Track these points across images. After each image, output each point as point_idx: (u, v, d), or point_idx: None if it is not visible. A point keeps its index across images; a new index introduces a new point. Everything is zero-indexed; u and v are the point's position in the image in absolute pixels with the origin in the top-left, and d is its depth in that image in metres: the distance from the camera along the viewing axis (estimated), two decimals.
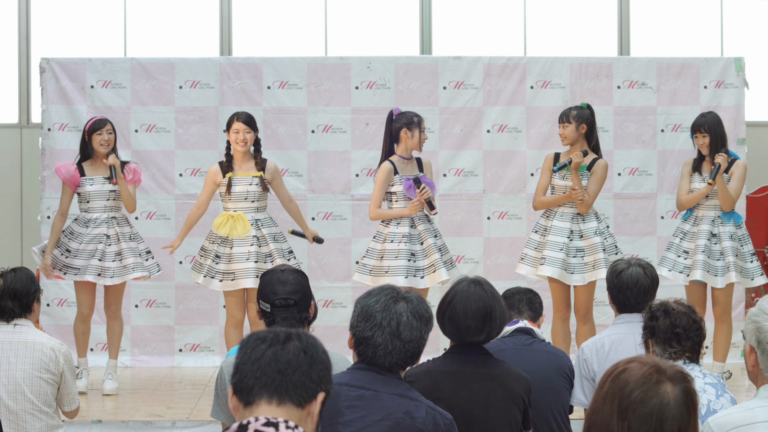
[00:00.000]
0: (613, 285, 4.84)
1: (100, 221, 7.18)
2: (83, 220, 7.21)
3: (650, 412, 2.36)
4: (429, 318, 3.43)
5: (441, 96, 8.64)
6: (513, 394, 3.93)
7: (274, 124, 8.60)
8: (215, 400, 4.18)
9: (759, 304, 3.25)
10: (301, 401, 2.39)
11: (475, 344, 3.98)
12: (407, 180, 6.89)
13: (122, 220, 7.29)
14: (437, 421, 3.35)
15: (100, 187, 7.21)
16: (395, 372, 3.41)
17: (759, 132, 10.40)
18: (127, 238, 7.23)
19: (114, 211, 7.25)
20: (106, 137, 7.15)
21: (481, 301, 3.94)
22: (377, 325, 3.36)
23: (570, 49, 10.32)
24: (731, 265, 7.13)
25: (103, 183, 7.21)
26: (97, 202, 7.20)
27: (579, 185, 7.01)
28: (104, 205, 7.21)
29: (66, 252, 7.18)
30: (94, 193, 7.19)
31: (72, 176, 7.18)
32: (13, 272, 5.02)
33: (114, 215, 7.24)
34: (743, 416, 3.09)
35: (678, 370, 2.42)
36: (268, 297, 4.06)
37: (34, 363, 4.91)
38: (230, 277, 6.93)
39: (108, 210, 7.22)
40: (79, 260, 7.14)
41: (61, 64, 8.57)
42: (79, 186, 7.21)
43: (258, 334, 2.46)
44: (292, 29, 10.56)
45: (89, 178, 7.21)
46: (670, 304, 4.09)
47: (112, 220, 7.22)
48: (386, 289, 3.44)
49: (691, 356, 4.06)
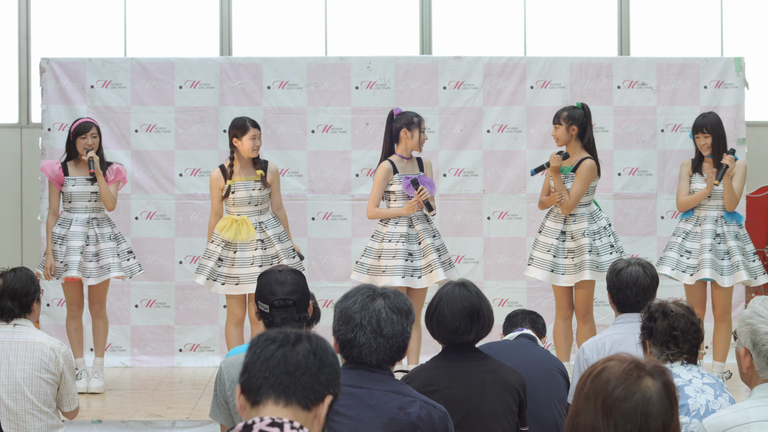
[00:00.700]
0: (613, 284, 4.85)
1: (81, 221, 7.24)
2: (66, 221, 7.27)
3: (634, 408, 2.37)
4: (408, 311, 3.45)
5: (441, 96, 8.64)
6: (507, 384, 3.99)
7: (274, 124, 8.59)
8: (213, 400, 4.18)
9: (751, 306, 3.25)
10: (308, 403, 2.38)
11: (466, 344, 4.01)
12: (406, 179, 6.91)
13: (103, 220, 7.35)
14: (432, 415, 3.37)
15: (82, 188, 7.28)
16: (385, 368, 3.42)
17: (759, 132, 10.40)
18: (106, 239, 7.30)
19: (96, 212, 7.32)
20: (90, 141, 7.21)
21: (467, 302, 4.02)
22: (358, 325, 3.37)
23: (570, 49, 10.32)
24: (740, 264, 7.13)
25: (85, 184, 7.28)
26: (78, 203, 7.27)
27: (559, 187, 7.03)
28: (86, 206, 7.28)
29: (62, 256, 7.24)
30: (76, 194, 7.27)
31: (57, 175, 7.27)
32: (12, 272, 5.02)
33: (95, 216, 7.31)
34: (737, 416, 3.10)
35: (656, 365, 2.44)
36: (267, 298, 4.07)
37: (34, 363, 4.91)
38: (234, 281, 6.94)
39: (89, 210, 7.29)
40: (64, 259, 7.20)
41: (61, 64, 8.57)
42: (62, 185, 7.28)
43: (268, 334, 2.46)
44: (292, 29, 10.56)
45: (72, 178, 7.28)
46: (668, 306, 4.08)
47: (93, 220, 7.29)
48: (362, 289, 3.46)
49: (688, 357, 4.05)
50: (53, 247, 7.24)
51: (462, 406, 3.90)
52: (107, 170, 7.28)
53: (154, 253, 8.52)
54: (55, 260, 7.21)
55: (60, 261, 7.21)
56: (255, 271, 6.84)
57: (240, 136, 7.00)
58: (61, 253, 7.21)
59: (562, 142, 7.13)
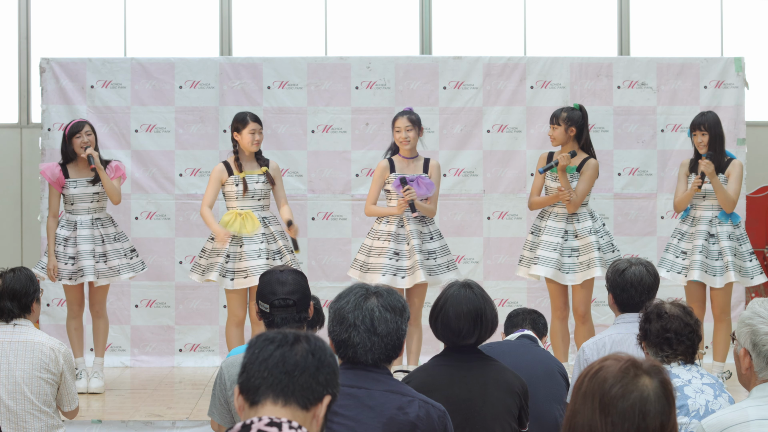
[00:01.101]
0: (616, 284, 4.83)
1: (86, 223, 7.26)
2: (70, 223, 7.27)
3: (632, 406, 2.37)
4: (403, 308, 3.43)
5: (441, 96, 8.64)
6: (509, 386, 3.99)
7: (274, 124, 8.59)
8: (212, 399, 4.19)
9: (751, 307, 3.24)
10: (306, 403, 2.39)
11: (468, 346, 4.02)
12: (397, 178, 6.94)
13: (106, 220, 7.39)
14: (430, 414, 3.37)
15: (83, 190, 7.30)
16: (382, 367, 3.42)
17: (759, 132, 10.40)
18: (111, 239, 7.34)
19: (98, 212, 7.34)
20: (86, 139, 7.22)
21: (472, 304, 4.01)
22: (351, 325, 3.37)
23: (570, 49, 10.32)
24: (730, 265, 7.12)
25: (86, 185, 7.29)
26: (81, 204, 7.30)
27: (566, 186, 7.03)
28: (88, 207, 7.30)
29: (67, 258, 7.24)
30: (78, 196, 7.29)
31: (57, 178, 7.28)
32: (12, 272, 5.02)
33: (98, 216, 7.33)
34: (736, 416, 3.10)
35: (653, 363, 2.44)
36: (267, 297, 4.07)
37: (34, 363, 4.91)
38: (242, 275, 6.93)
39: (92, 211, 7.31)
40: (77, 264, 7.20)
41: (61, 64, 8.57)
42: (63, 188, 7.29)
43: (267, 334, 2.46)
44: (292, 29, 10.56)
45: (73, 180, 7.29)
46: (664, 307, 4.05)
47: (96, 221, 7.31)
48: (355, 288, 3.46)
49: (685, 359, 4.03)
50: (55, 249, 7.25)
51: (463, 406, 3.90)
52: (106, 168, 7.29)
53: (154, 253, 8.52)
54: (57, 261, 7.23)
55: (69, 264, 7.21)
56: (262, 263, 6.85)
57: (240, 129, 7.04)
58: (65, 256, 7.22)
59: (558, 142, 7.16)
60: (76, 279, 7.24)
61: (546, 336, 5.15)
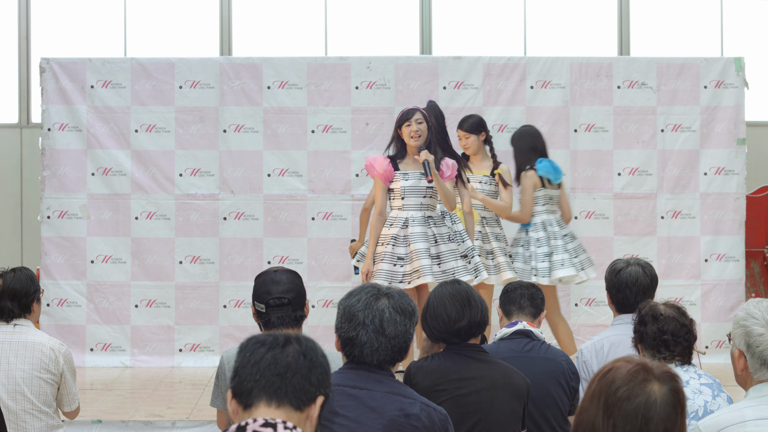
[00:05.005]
0: (612, 284, 4.82)
1: (418, 220, 6.67)
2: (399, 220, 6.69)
3: (635, 410, 2.36)
4: (412, 312, 3.43)
5: (441, 96, 8.64)
6: (516, 389, 3.99)
7: (274, 124, 8.60)
8: (215, 389, 4.21)
9: (745, 308, 3.25)
10: (299, 404, 2.39)
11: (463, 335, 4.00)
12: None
13: (438, 219, 6.80)
14: (432, 417, 3.36)
15: (415, 183, 6.72)
16: (385, 369, 3.41)
17: (759, 132, 10.40)
18: (446, 239, 6.73)
19: (429, 210, 6.75)
20: (415, 128, 6.67)
21: (455, 290, 4.08)
22: (360, 324, 3.36)
23: (570, 49, 10.33)
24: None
25: (419, 178, 6.71)
26: (412, 199, 6.71)
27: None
28: (420, 203, 6.70)
29: (396, 260, 6.67)
30: (408, 188, 6.71)
31: (386, 171, 6.70)
32: (12, 272, 5.02)
33: (430, 214, 6.74)
34: (733, 416, 3.11)
35: (665, 370, 2.42)
36: (263, 297, 4.09)
37: (34, 363, 4.91)
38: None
39: (423, 208, 6.72)
40: (417, 262, 6.62)
41: (61, 64, 8.57)
42: (392, 181, 6.75)
43: (257, 337, 2.47)
44: (292, 29, 10.57)
45: (404, 173, 6.72)
46: (658, 309, 4.02)
47: (428, 219, 6.73)
48: (366, 287, 3.46)
49: (682, 359, 4.02)
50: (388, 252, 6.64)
51: (473, 408, 3.89)
52: (441, 165, 6.72)
53: (154, 253, 8.52)
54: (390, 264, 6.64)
55: (403, 264, 6.61)
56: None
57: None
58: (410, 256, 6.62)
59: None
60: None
61: (544, 311, 5.02)
